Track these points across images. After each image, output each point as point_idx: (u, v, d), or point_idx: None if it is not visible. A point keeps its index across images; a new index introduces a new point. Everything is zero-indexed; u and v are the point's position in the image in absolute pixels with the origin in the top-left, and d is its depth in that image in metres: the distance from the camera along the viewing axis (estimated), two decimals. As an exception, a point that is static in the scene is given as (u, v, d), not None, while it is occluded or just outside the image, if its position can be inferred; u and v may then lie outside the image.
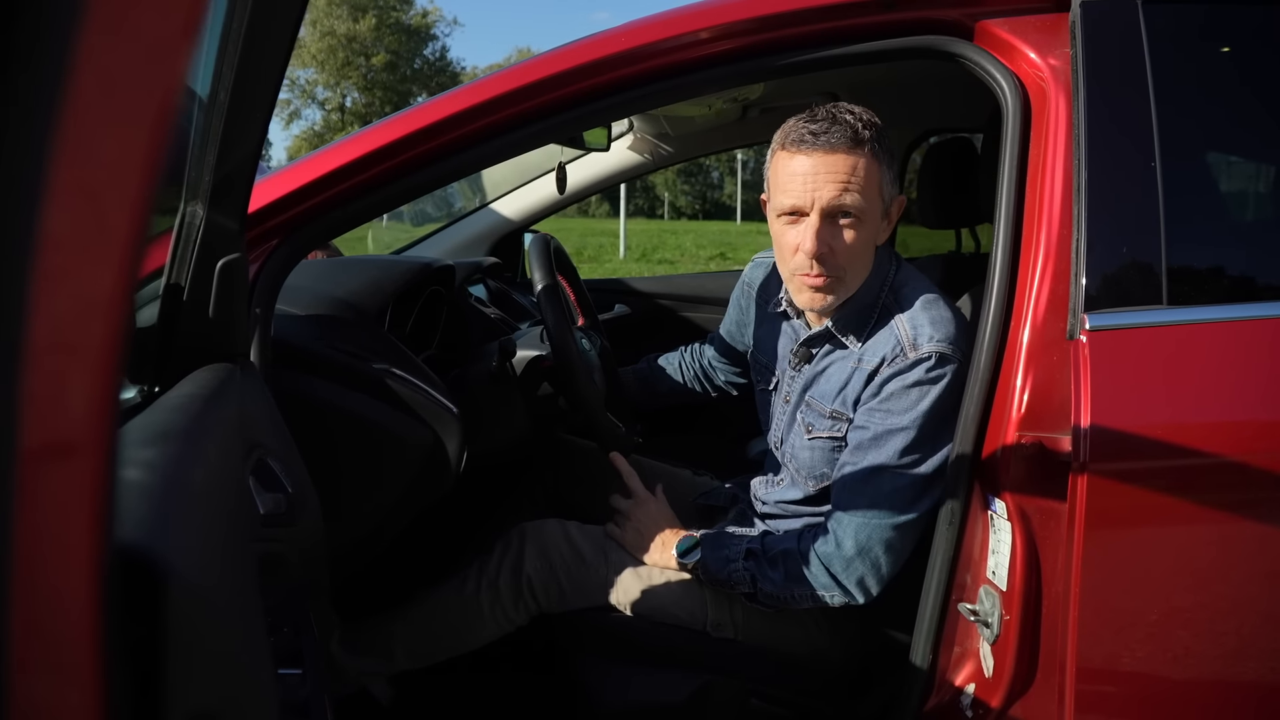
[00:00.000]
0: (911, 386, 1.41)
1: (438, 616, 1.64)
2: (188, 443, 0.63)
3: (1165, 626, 1.20)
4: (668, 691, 1.55)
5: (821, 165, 1.41)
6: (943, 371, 1.41)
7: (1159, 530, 1.19)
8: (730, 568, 1.52)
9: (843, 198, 1.40)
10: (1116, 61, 1.30)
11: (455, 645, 1.64)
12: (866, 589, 1.45)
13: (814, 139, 1.41)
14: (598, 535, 1.64)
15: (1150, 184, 1.26)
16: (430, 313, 2.04)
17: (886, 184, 1.45)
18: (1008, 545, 1.28)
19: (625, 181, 2.92)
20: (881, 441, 1.43)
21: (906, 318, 1.46)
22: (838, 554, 1.44)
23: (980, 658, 1.35)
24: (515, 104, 1.42)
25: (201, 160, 0.99)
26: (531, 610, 1.61)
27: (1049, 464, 1.23)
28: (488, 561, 1.63)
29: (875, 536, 1.42)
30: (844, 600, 1.47)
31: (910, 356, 1.42)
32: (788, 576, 1.48)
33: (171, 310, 1.08)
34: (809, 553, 1.47)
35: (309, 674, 0.83)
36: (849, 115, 1.44)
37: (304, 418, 1.39)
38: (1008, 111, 1.37)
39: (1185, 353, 1.23)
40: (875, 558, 1.43)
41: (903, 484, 1.41)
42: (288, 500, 0.93)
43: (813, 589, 1.47)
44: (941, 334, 1.42)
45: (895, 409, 1.42)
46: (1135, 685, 1.22)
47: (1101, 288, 1.24)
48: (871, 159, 1.42)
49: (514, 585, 1.60)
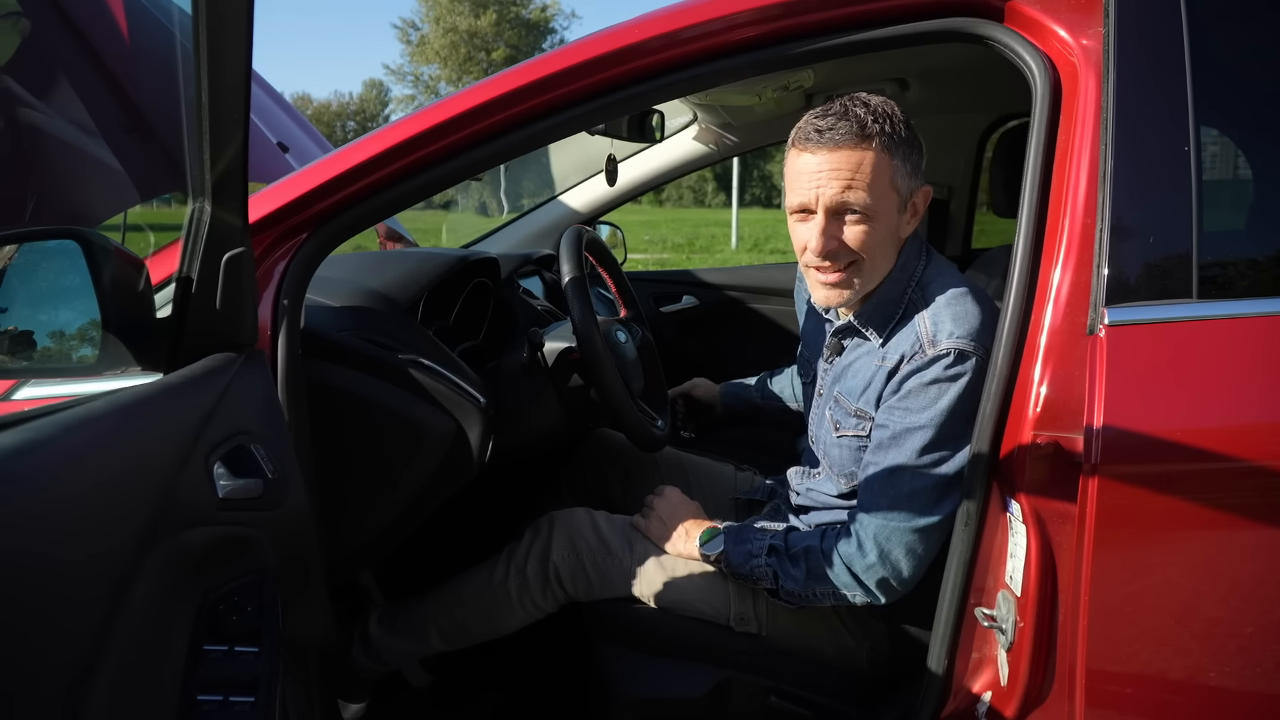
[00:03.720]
0: (930, 384, 1.37)
1: (469, 602, 1.67)
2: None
3: (1177, 637, 1.14)
4: (687, 685, 1.54)
5: (826, 162, 1.39)
6: (962, 369, 1.36)
7: (1172, 538, 1.12)
8: (753, 563, 1.50)
9: (846, 195, 1.38)
10: (1152, 40, 1.23)
11: (486, 630, 1.68)
12: (890, 589, 1.43)
13: (819, 136, 1.39)
14: (624, 526, 1.65)
15: (1183, 169, 1.18)
16: (476, 305, 2.08)
17: (902, 176, 1.41)
18: (1024, 549, 1.22)
19: (694, 171, 2.90)
20: (901, 440, 1.39)
21: (929, 313, 1.42)
22: (859, 555, 1.42)
23: (998, 665, 1.30)
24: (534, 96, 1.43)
25: (199, 159, 1.04)
26: (559, 598, 1.63)
27: (1064, 465, 1.17)
28: (517, 549, 1.66)
29: (896, 539, 1.39)
30: (866, 599, 1.45)
31: (929, 353, 1.38)
32: (809, 574, 1.46)
33: (182, 301, 1.14)
34: (831, 552, 1.45)
35: (264, 653, 0.86)
36: (860, 108, 1.40)
37: (332, 406, 1.44)
38: (1037, 94, 1.31)
39: (1215, 349, 1.15)
40: (896, 561, 1.40)
41: (923, 485, 1.38)
42: (265, 485, 0.97)
43: (835, 587, 1.45)
44: (963, 330, 1.37)
45: (914, 407, 1.38)
46: (1146, 696, 1.16)
47: (1125, 279, 1.17)
48: (881, 152, 1.38)
49: (541, 573, 1.62)
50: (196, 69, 0.92)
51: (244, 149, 1.02)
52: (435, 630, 1.70)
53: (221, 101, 0.93)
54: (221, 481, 0.90)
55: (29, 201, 1.90)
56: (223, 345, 1.14)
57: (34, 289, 1.18)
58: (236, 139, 1.00)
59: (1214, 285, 1.17)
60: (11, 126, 1.90)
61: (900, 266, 1.47)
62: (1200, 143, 1.19)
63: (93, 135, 2.02)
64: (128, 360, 1.12)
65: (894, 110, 1.42)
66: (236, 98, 0.94)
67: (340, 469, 1.44)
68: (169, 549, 0.78)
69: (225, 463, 0.93)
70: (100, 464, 0.71)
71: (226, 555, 0.88)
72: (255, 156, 2.10)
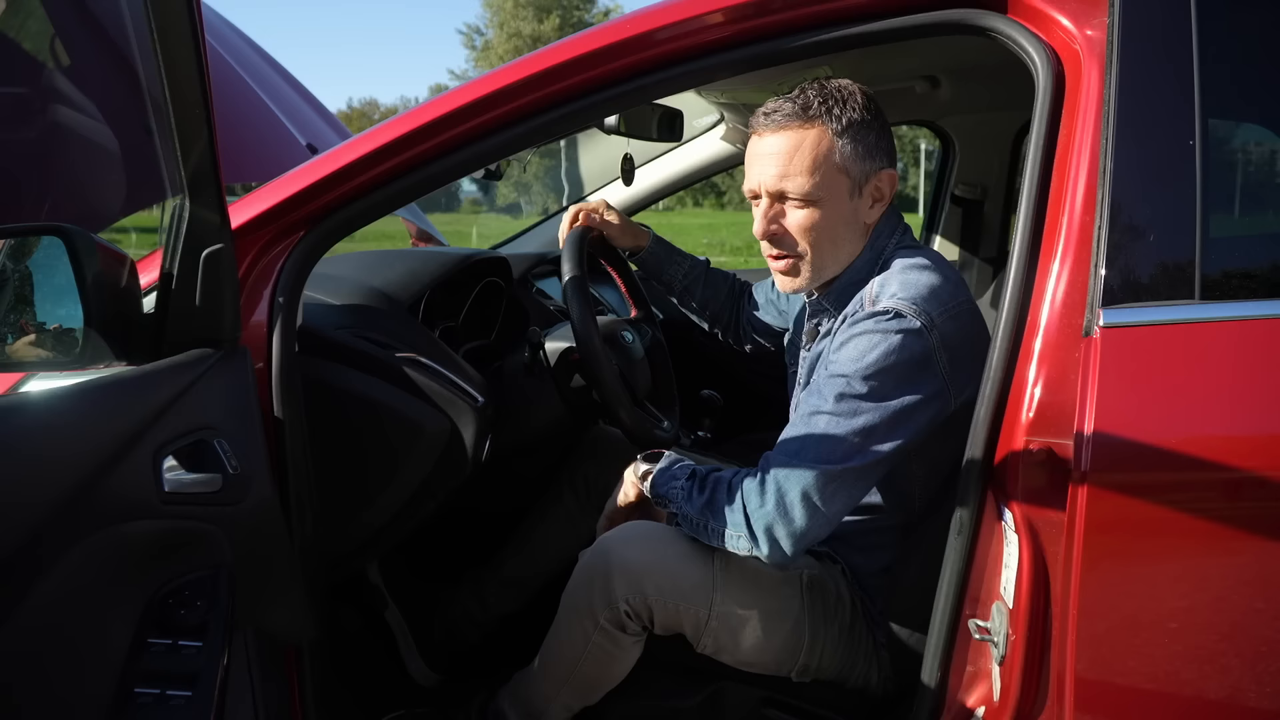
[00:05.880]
0: (860, 335, 1.33)
1: (577, 670, 1.50)
2: None
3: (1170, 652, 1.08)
4: (678, 695, 1.52)
5: (768, 147, 1.40)
6: (895, 326, 1.31)
7: (1162, 548, 1.07)
8: (670, 485, 1.42)
9: (783, 183, 1.38)
10: (1159, 30, 1.17)
11: (609, 684, 1.53)
12: (775, 543, 1.31)
13: (765, 119, 1.40)
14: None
15: (1188, 165, 1.13)
16: (489, 304, 2.08)
17: (854, 159, 1.39)
18: (1016, 559, 1.18)
19: (722, 172, 2.87)
20: (823, 387, 1.34)
21: (879, 279, 1.39)
22: (756, 494, 1.32)
23: (991, 679, 1.25)
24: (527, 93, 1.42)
25: (172, 156, 1.05)
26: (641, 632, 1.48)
27: (1056, 472, 1.12)
28: (579, 599, 1.48)
29: (793, 480, 1.30)
30: (749, 549, 1.33)
31: (866, 309, 1.35)
32: (709, 504, 1.37)
33: (163, 297, 1.15)
34: (735, 489, 1.35)
35: (208, 647, 0.86)
36: (812, 90, 1.40)
37: (328, 404, 1.45)
38: (1039, 87, 1.27)
39: (1214, 353, 1.09)
40: (790, 507, 1.30)
41: (835, 432, 1.30)
42: (225, 480, 0.97)
43: (725, 525, 1.35)
44: (907, 294, 1.33)
45: (840, 358, 1.34)
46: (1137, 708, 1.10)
47: (1123, 280, 1.12)
48: (826, 133, 1.37)
49: (616, 622, 1.45)
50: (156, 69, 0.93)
51: (212, 146, 1.03)
52: (562, 708, 1.56)
53: (182, 99, 0.94)
54: (169, 475, 0.90)
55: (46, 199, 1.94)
56: (201, 341, 1.15)
57: (19, 284, 1.21)
58: (203, 136, 1.00)
59: (1218, 286, 1.11)
60: (40, 124, 1.95)
61: (868, 248, 1.45)
62: (1208, 138, 1.13)
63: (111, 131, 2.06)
64: (110, 356, 1.14)
65: (855, 92, 1.41)
66: (195, 95, 0.95)
67: (336, 466, 1.45)
68: (100, 540, 0.78)
69: (180, 457, 0.93)
70: (17, 456, 0.71)
71: (175, 549, 0.88)
72: (286, 158, 2.13)
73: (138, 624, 0.85)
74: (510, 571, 1.95)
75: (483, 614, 1.95)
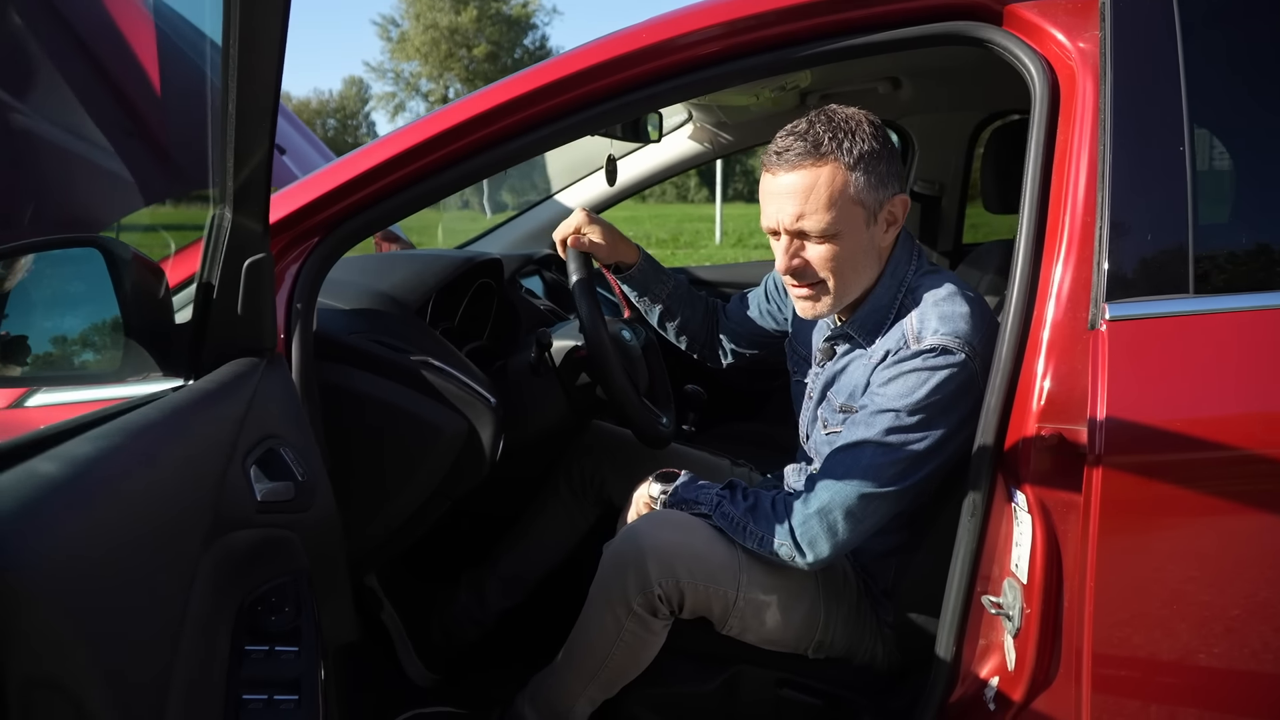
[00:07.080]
0: (910, 373, 1.40)
1: (609, 661, 1.54)
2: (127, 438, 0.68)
3: (1182, 624, 1.17)
4: (698, 678, 1.57)
5: (783, 186, 1.43)
6: (943, 362, 1.39)
7: (1175, 525, 1.16)
8: (703, 491, 1.52)
9: (802, 223, 1.42)
10: (1147, 42, 1.26)
11: (633, 671, 1.56)
12: (816, 551, 1.42)
13: (777, 159, 1.43)
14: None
15: (1179, 167, 1.22)
16: (480, 305, 2.10)
17: (867, 189, 1.43)
18: (1029, 538, 1.26)
19: (689, 170, 2.93)
20: (872, 420, 1.42)
21: (917, 313, 1.45)
22: (801, 506, 1.43)
23: (1004, 651, 1.33)
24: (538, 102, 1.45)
25: (223, 167, 1.06)
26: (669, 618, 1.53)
27: (1068, 457, 1.21)
28: (611, 586, 1.51)
29: (839, 499, 1.40)
30: (790, 556, 1.43)
31: (913, 347, 1.42)
32: (752, 509, 1.48)
33: (204, 307, 1.16)
34: (779, 501, 1.47)
35: (304, 651, 0.88)
36: (821, 125, 1.43)
37: (345, 408, 1.46)
38: (1035, 96, 1.35)
39: (1210, 343, 1.19)
40: (833, 520, 1.40)
41: (882, 460, 1.40)
42: (297, 487, 0.99)
43: (768, 530, 1.44)
44: (948, 328, 1.41)
45: (890, 393, 1.41)
46: (1153, 681, 1.20)
47: (1124, 276, 1.21)
48: (838, 168, 1.41)
49: (648, 606, 1.49)
50: (225, 79, 0.94)
51: (269, 157, 1.04)
52: (587, 702, 1.59)
53: (249, 111, 0.95)
54: (258, 484, 0.92)
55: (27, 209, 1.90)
56: (245, 350, 1.16)
57: (55, 297, 1.20)
58: (262, 147, 1.02)
59: (1209, 281, 1.20)
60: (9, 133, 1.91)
61: (889, 273, 1.51)
62: (1194, 142, 1.22)
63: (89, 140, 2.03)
64: (150, 366, 1.14)
65: (862, 122, 1.44)
66: (265, 108, 0.96)
67: (354, 471, 1.46)
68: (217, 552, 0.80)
69: (260, 466, 0.95)
70: (168, 469, 0.72)
71: (265, 557, 0.90)
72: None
73: (232, 632, 0.87)
74: (508, 567, 1.98)
75: (481, 611, 1.97)
